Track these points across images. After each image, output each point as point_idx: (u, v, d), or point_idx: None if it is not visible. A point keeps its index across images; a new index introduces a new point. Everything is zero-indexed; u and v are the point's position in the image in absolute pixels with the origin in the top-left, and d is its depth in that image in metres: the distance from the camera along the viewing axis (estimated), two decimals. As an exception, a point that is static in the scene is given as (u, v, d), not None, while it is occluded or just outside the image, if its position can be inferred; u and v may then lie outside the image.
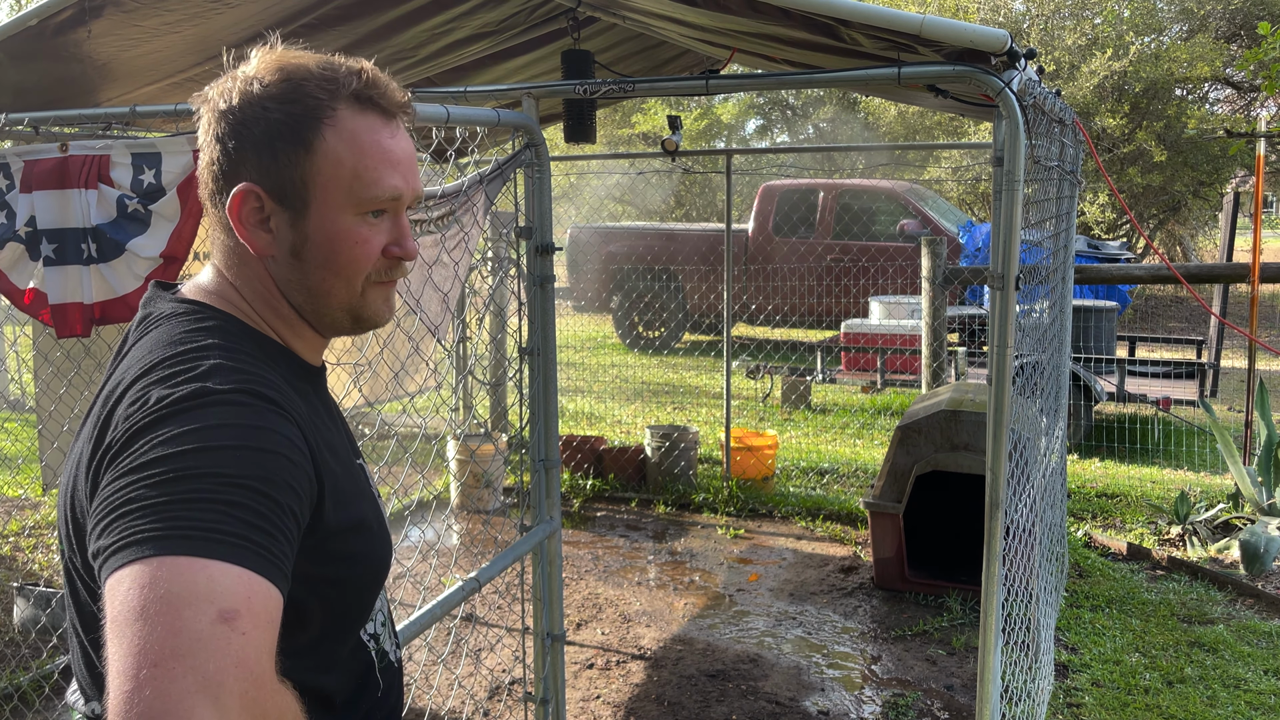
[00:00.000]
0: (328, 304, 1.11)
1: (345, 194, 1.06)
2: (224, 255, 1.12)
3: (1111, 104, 14.16)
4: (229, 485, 0.89)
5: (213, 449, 0.90)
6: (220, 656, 0.79)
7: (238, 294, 1.11)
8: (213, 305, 1.09)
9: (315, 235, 1.07)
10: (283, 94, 1.05)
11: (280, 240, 1.08)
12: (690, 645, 4.21)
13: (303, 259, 1.08)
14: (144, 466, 0.89)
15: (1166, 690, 3.74)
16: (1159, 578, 4.89)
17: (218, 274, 1.12)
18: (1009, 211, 2.03)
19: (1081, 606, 4.51)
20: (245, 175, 1.05)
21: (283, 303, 1.11)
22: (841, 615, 4.51)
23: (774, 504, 5.98)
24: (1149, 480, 6.54)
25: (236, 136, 1.05)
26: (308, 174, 1.05)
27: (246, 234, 1.07)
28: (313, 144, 1.05)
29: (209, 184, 1.09)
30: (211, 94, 1.08)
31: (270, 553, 0.88)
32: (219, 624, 0.81)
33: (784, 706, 3.69)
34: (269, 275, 1.10)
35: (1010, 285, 2.06)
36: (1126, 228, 17.77)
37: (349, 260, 1.08)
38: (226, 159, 1.06)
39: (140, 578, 0.82)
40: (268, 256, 1.09)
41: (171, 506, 0.86)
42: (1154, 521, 5.67)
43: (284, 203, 1.06)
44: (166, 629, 0.79)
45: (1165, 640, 4.16)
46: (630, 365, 11.44)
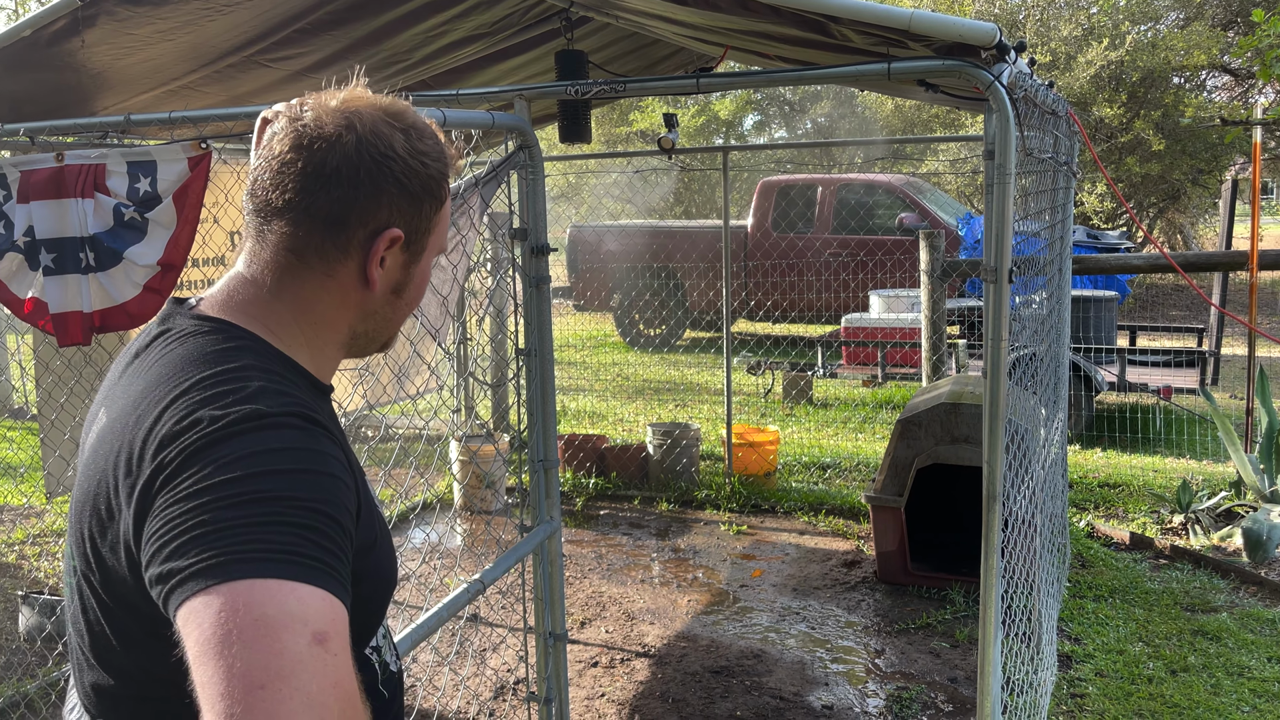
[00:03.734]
0: (387, 333, 1.20)
1: (439, 244, 1.19)
2: (292, 279, 1.10)
3: (1109, 93, 14.15)
4: (300, 509, 0.90)
5: (279, 472, 0.92)
6: (321, 678, 0.81)
7: (280, 315, 1.11)
8: (237, 324, 1.09)
9: (416, 278, 1.17)
10: (434, 151, 1.13)
11: (388, 279, 1.13)
12: (694, 642, 4.22)
13: (401, 296, 1.17)
14: (212, 489, 0.90)
15: (1170, 679, 3.75)
16: (1162, 567, 4.90)
17: (260, 292, 1.11)
18: (1001, 204, 2.04)
19: (1085, 597, 4.52)
20: (389, 219, 1.09)
21: (346, 328, 1.15)
22: (845, 609, 4.52)
23: (776, 499, 5.99)
24: (1151, 469, 6.54)
25: (390, 180, 1.08)
26: (432, 226, 1.15)
27: (375, 271, 1.10)
28: (442, 201, 1.15)
29: (325, 209, 1.07)
30: (358, 124, 1.08)
31: (340, 575, 0.91)
32: (315, 645, 0.82)
33: (788, 702, 3.70)
34: (353, 304, 1.13)
35: (1004, 278, 2.07)
36: (1125, 217, 17.77)
37: (420, 296, 1.21)
38: (370, 197, 1.08)
39: (231, 601, 0.83)
40: (375, 293, 1.13)
41: (250, 530, 0.87)
42: (1156, 511, 5.67)
43: (408, 248, 1.13)
44: (268, 651, 0.81)
45: (1169, 629, 4.17)
46: (632, 363, 11.45)
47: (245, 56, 3.56)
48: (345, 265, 1.10)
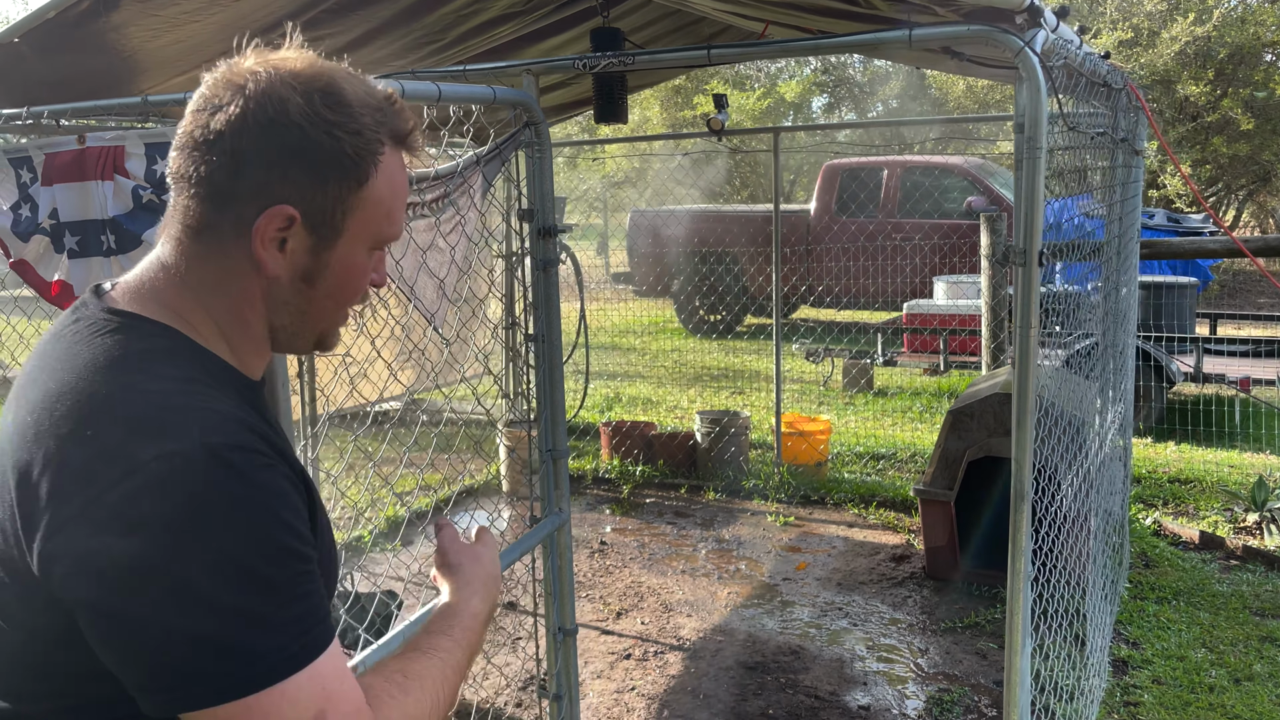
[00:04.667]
0: (313, 328, 1.08)
1: (374, 232, 1.04)
2: (196, 261, 1.01)
3: (1194, 70, 13.54)
4: (255, 578, 0.86)
5: (224, 537, 0.86)
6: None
7: (192, 303, 1.01)
8: (148, 318, 1.00)
9: (335, 266, 1.03)
10: (345, 122, 0.99)
11: (292, 264, 1.01)
12: (731, 636, 4.12)
13: (313, 285, 1.03)
14: (153, 571, 0.84)
15: (1233, 688, 3.53)
16: (1232, 568, 4.63)
17: (170, 278, 1.02)
18: (1031, 181, 1.89)
19: (1146, 598, 4.29)
20: (283, 195, 0.98)
21: (258, 320, 1.04)
22: (890, 606, 4.37)
23: (826, 490, 5.83)
24: (1226, 465, 6.22)
25: (285, 151, 0.97)
26: (350, 208, 1.01)
27: (264, 253, 0.99)
28: (365, 181, 1.01)
29: (217, 183, 0.98)
30: (250, 88, 0.97)
31: (311, 620, 0.89)
32: None
33: (823, 701, 3.58)
34: (258, 292, 1.02)
35: (1033, 261, 1.92)
36: (1212, 200, 17.02)
37: (354, 292, 1.07)
38: (260, 169, 0.97)
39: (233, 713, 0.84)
40: (273, 276, 1.01)
41: (216, 633, 0.85)
42: (1229, 508, 5.38)
43: (314, 231, 1.00)
44: None
45: (1235, 635, 3.93)
46: (690, 350, 11.33)
47: (276, 38, 3.53)
48: (237, 245, 0.99)
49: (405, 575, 4.82)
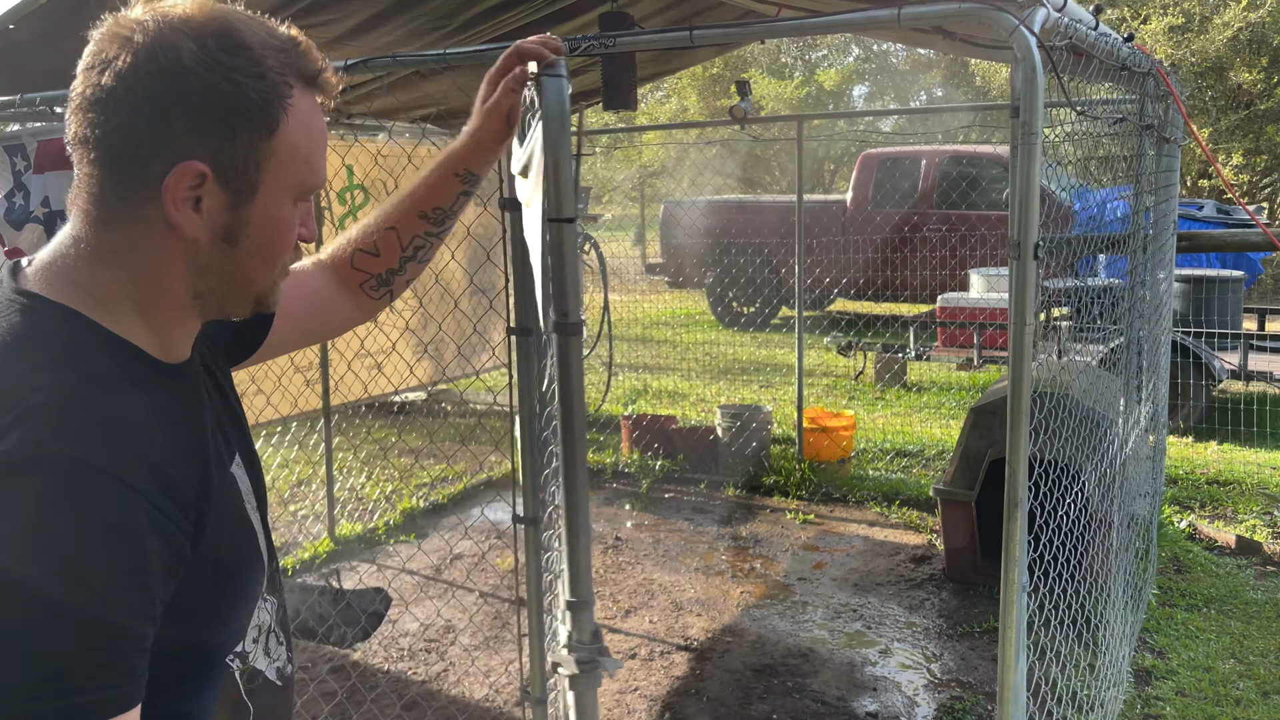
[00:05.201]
0: (244, 290, 1.01)
1: (295, 181, 0.98)
2: (106, 231, 0.94)
3: (1247, 57, 13.11)
4: (53, 620, 0.78)
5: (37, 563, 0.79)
6: None
7: (105, 280, 0.94)
8: (52, 300, 0.93)
9: (257, 221, 0.96)
10: (245, 65, 0.92)
11: (210, 223, 0.94)
12: (740, 637, 4.02)
13: (235, 244, 0.96)
14: None
15: (1261, 702, 3.36)
16: (1269, 574, 4.44)
17: (81, 254, 0.95)
18: (1026, 168, 1.77)
19: (1175, 605, 4.13)
20: (188, 150, 0.91)
21: (181, 287, 0.97)
22: (906, 609, 4.24)
23: (849, 488, 5.71)
24: (1269, 466, 5.99)
25: (183, 103, 0.90)
26: (263, 158, 0.94)
27: (178, 214, 0.92)
28: (276, 128, 0.94)
29: (114, 145, 0.91)
30: (138, 38, 0.90)
31: (105, 690, 0.81)
32: None
33: (830, 707, 3.47)
34: (177, 256, 0.95)
35: (1028, 253, 1.80)
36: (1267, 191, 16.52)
37: (282, 247, 1.00)
38: (159, 124, 0.90)
39: None
40: (191, 239, 0.94)
41: None
42: (1270, 512, 5.17)
43: (229, 185, 0.94)
44: None
45: (1266, 645, 3.76)
46: (722, 342, 11.21)
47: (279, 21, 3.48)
48: (149, 208, 0.92)
49: (413, 568, 4.79)
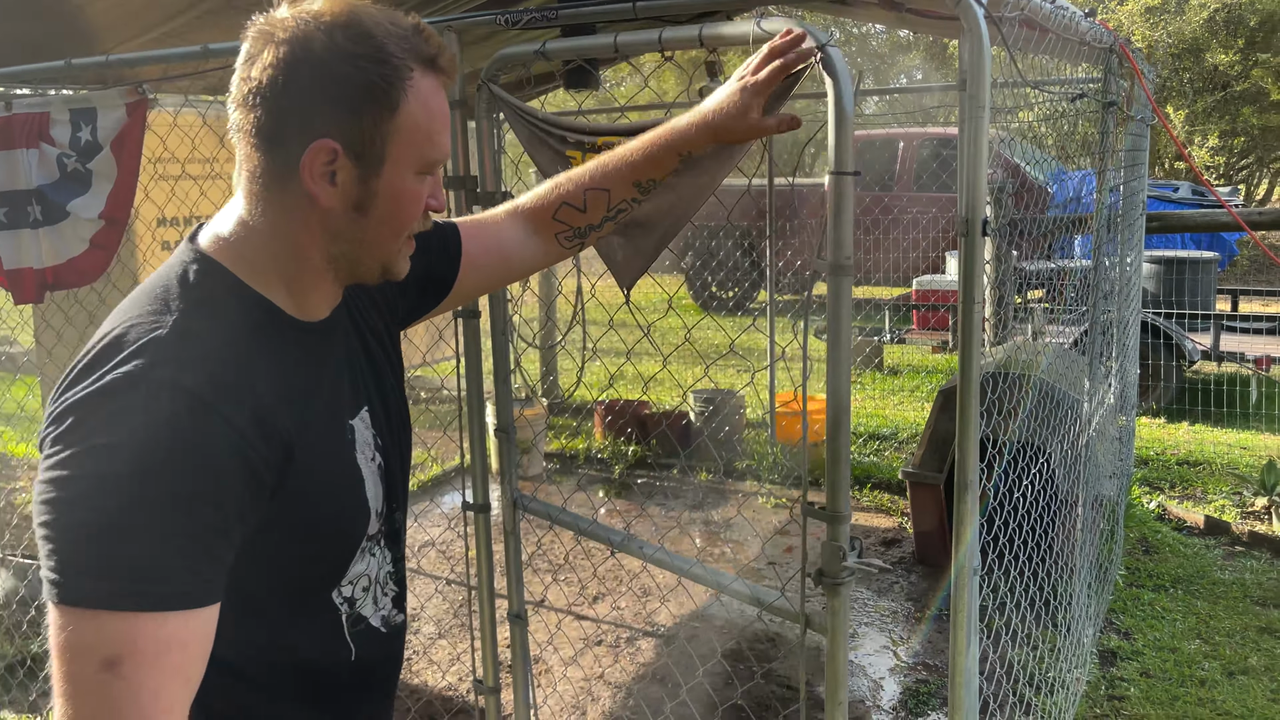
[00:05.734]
0: (373, 256, 1.13)
1: (417, 156, 1.09)
2: (260, 205, 1.08)
3: (1224, 38, 13.12)
4: (137, 513, 0.90)
5: (127, 465, 0.91)
6: (98, 702, 0.88)
7: (257, 248, 1.09)
8: (211, 257, 1.08)
9: (383, 192, 1.08)
10: (369, 52, 1.04)
11: (344, 195, 1.07)
12: (708, 622, 3.99)
13: (366, 214, 1.09)
14: (53, 483, 0.91)
15: (1226, 683, 3.36)
16: (1236, 555, 4.45)
17: (240, 225, 1.10)
18: (974, 143, 1.72)
19: (1143, 586, 4.12)
20: (322, 129, 1.04)
21: (318, 254, 1.10)
22: (875, 592, 4.23)
23: (821, 471, 5.67)
24: (1239, 447, 6.01)
25: (316, 88, 1.03)
26: (388, 135, 1.06)
27: (315, 187, 1.05)
28: (397, 107, 1.06)
29: (264, 129, 1.05)
30: (279, 35, 1.03)
31: (167, 581, 0.91)
32: (103, 671, 0.88)
33: (795, 691, 3.45)
34: (315, 226, 1.09)
35: (976, 231, 1.75)
36: (1244, 173, 16.58)
37: (407, 217, 1.12)
38: (298, 109, 1.04)
39: (52, 616, 0.91)
40: (327, 209, 1.07)
41: (70, 545, 0.90)
42: (1239, 492, 5.18)
43: (359, 160, 1.06)
44: (63, 674, 0.89)
45: (1232, 625, 3.76)
46: (701, 327, 11.17)
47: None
48: (293, 183, 1.06)
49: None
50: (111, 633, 0.88)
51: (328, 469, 1.11)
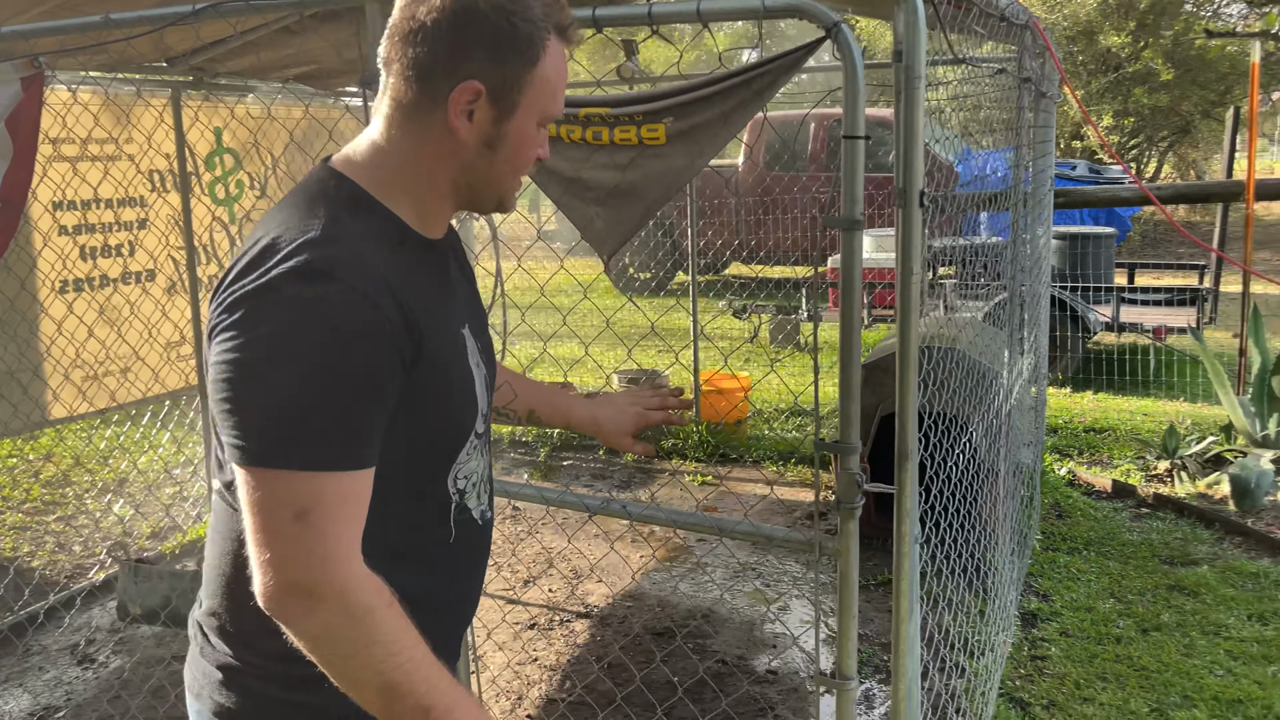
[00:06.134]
0: (493, 190, 1.27)
1: (541, 108, 1.23)
2: (400, 132, 1.21)
3: (1116, 20, 13.59)
4: (307, 385, 1.06)
5: (298, 346, 1.06)
6: (294, 546, 1.06)
7: (392, 172, 1.22)
8: (345, 175, 1.22)
9: (511, 136, 1.22)
10: (521, 11, 1.17)
11: (479, 132, 1.21)
12: (641, 601, 4.00)
13: (494, 152, 1.23)
14: (235, 365, 1.07)
15: (1140, 639, 3.50)
16: (1143, 516, 4.64)
17: (377, 150, 1.23)
18: (910, 114, 1.74)
19: (1058, 550, 4.27)
20: (471, 72, 1.17)
21: (446, 180, 1.24)
22: (804, 565, 4.29)
23: (745, 448, 5.74)
24: (1140, 413, 6.26)
25: (473, 36, 1.16)
26: (524, 85, 1.20)
27: (456, 121, 1.19)
28: (536, 61, 1.20)
29: (421, 64, 1.17)
30: None
31: (333, 440, 1.07)
32: (295, 522, 1.05)
33: (730, 666, 3.48)
34: (449, 155, 1.22)
35: (913, 201, 1.78)
36: (1134, 151, 17.24)
37: (525, 160, 1.26)
38: (454, 51, 1.17)
39: (243, 478, 1.07)
40: (462, 143, 1.20)
41: (259, 416, 1.06)
42: (1142, 456, 5.40)
43: (497, 103, 1.20)
44: (258, 526, 1.06)
45: (1143, 584, 3.92)
46: (621, 309, 11.16)
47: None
48: (436, 115, 1.19)
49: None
50: (301, 490, 1.05)
51: (447, 363, 1.24)
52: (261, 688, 1.21)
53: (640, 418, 1.77)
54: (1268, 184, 5.33)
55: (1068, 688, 3.22)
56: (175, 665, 3.57)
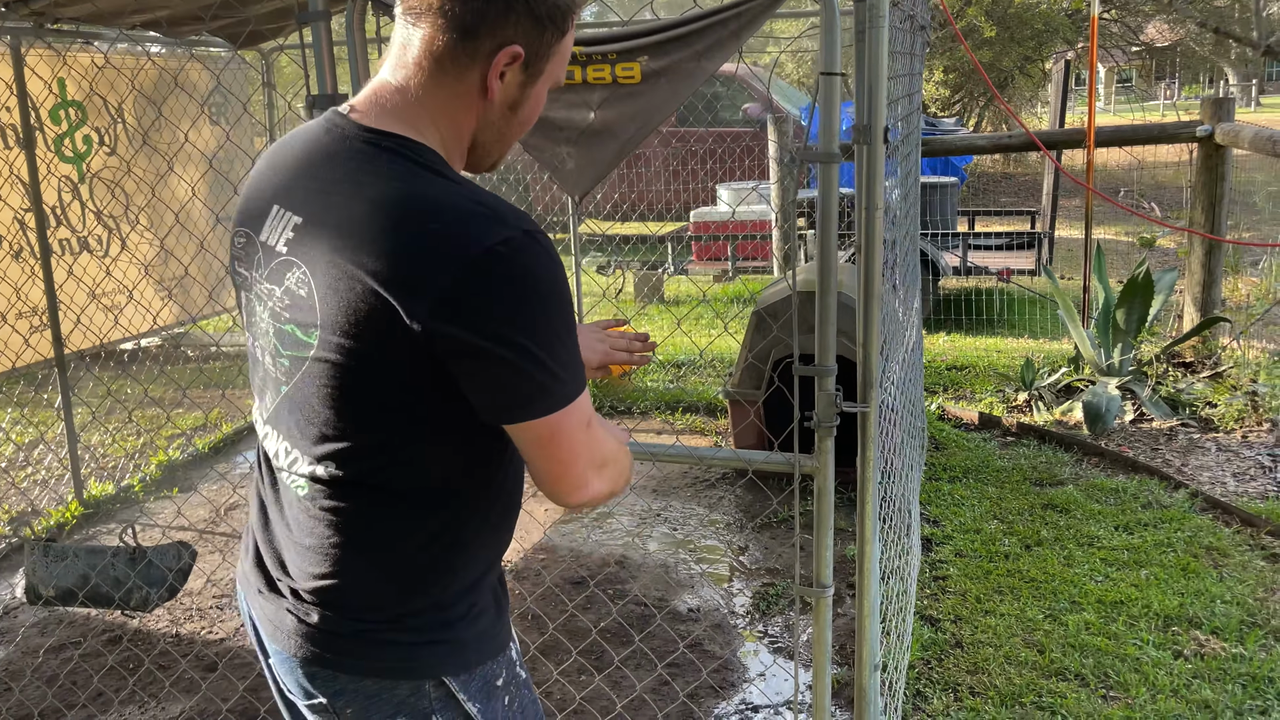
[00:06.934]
0: (501, 148, 1.31)
1: (556, 75, 1.29)
2: (433, 83, 1.21)
3: (943, -20, 14.20)
4: (567, 328, 1.16)
5: (562, 299, 1.16)
6: (588, 446, 1.22)
7: (426, 121, 1.22)
8: (417, 142, 1.21)
9: (531, 99, 1.28)
10: None
11: (506, 93, 1.24)
12: (553, 553, 4.01)
13: (515, 113, 1.27)
14: (508, 325, 1.12)
15: (1025, 554, 3.78)
16: (1010, 444, 4.98)
17: (407, 99, 1.22)
18: (874, 52, 1.79)
19: (940, 479, 4.53)
20: (513, 36, 1.19)
21: (469, 135, 1.26)
22: (706, 508, 4.40)
23: (632, 400, 5.80)
24: (994, 350, 6.68)
25: (524, 2, 1.18)
26: (552, 53, 1.25)
27: (494, 81, 1.21)
28: (565, 33, 1.25)
29: (465, 21, 1.18)
30: None
31: (581, 365, 1.20)
32: (584, 430, 1.20)
33: (652, 608, 3.55)
34: (475, 112, 1.24)
35: (878, 138, 1.84)
36: (957, 107, 18.15)
37: (534, 120, 1.33)
38: (502, 14, 1.18)
39: (549, 420, 1.17)
40: (490, 101, 1.23)
41: (554, 369, 1.15)
42: (1002, 390, 5.77)
43: (527, 69, 1.23)
44: (567, 445, 1.20)
45: (1020, 505, 4.22)
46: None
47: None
48: (472, 72, 1.21)
49: (189, 523, 4.40)
50: (584, 407, 1.20)
51: None
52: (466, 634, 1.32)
53: (607, 356, 1.80)
54: (1107, 131, 5.74)
55: (970, 603, 3.45)
56: (67, 653, 3.35)
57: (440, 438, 1.22)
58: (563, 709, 2.97)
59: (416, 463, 1.23)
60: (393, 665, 1.27)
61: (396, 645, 1.27)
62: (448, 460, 1.24)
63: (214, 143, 5.41)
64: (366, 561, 1.26)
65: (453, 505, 1.27)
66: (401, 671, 1.27)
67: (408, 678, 1.27)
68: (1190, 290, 5.85)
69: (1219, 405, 5.15)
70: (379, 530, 1.26)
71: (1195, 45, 25.58)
